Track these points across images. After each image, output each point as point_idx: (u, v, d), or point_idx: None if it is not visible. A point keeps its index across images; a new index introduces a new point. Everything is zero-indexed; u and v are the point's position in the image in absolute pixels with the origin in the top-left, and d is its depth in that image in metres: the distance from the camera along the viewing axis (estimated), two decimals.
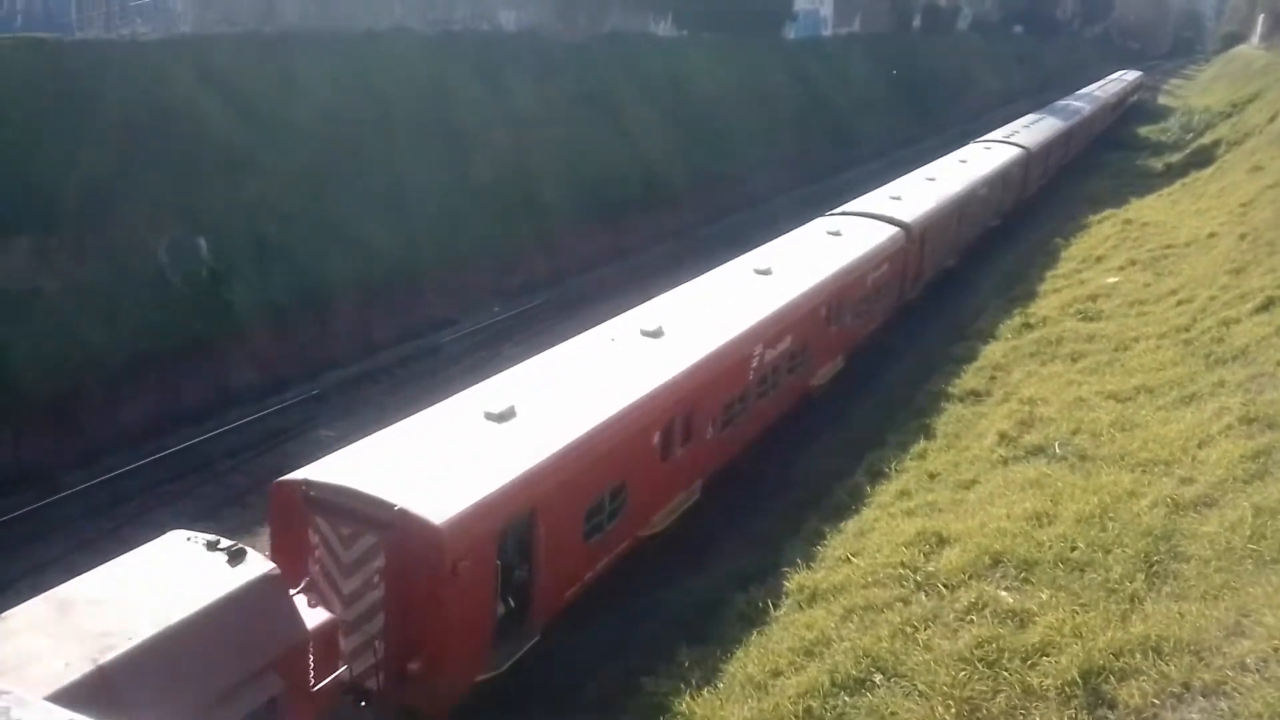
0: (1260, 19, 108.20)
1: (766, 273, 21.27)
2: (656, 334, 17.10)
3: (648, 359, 16.26)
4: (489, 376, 15.49)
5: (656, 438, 15.39)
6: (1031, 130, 48.45)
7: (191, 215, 24.72)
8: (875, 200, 29.77)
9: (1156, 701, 8.32)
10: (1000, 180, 38.87)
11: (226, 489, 20.17)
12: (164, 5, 28.29)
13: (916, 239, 27.93)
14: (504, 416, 13.38)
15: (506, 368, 15.98)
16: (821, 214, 27.99)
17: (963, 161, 38.32)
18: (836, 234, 25.26)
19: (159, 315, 23.00)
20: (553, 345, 16.87)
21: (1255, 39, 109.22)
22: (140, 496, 19.45)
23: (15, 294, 20.83)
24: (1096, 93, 71.75)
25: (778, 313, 19.58)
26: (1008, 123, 51.82)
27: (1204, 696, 8.15)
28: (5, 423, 19.57)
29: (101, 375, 21.34)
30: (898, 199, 29.92)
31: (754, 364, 18.52)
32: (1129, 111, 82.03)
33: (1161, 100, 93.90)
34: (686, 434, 16.27)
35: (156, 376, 22.33)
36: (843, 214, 27.85)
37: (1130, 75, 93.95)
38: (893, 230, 26.71)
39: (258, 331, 24.71)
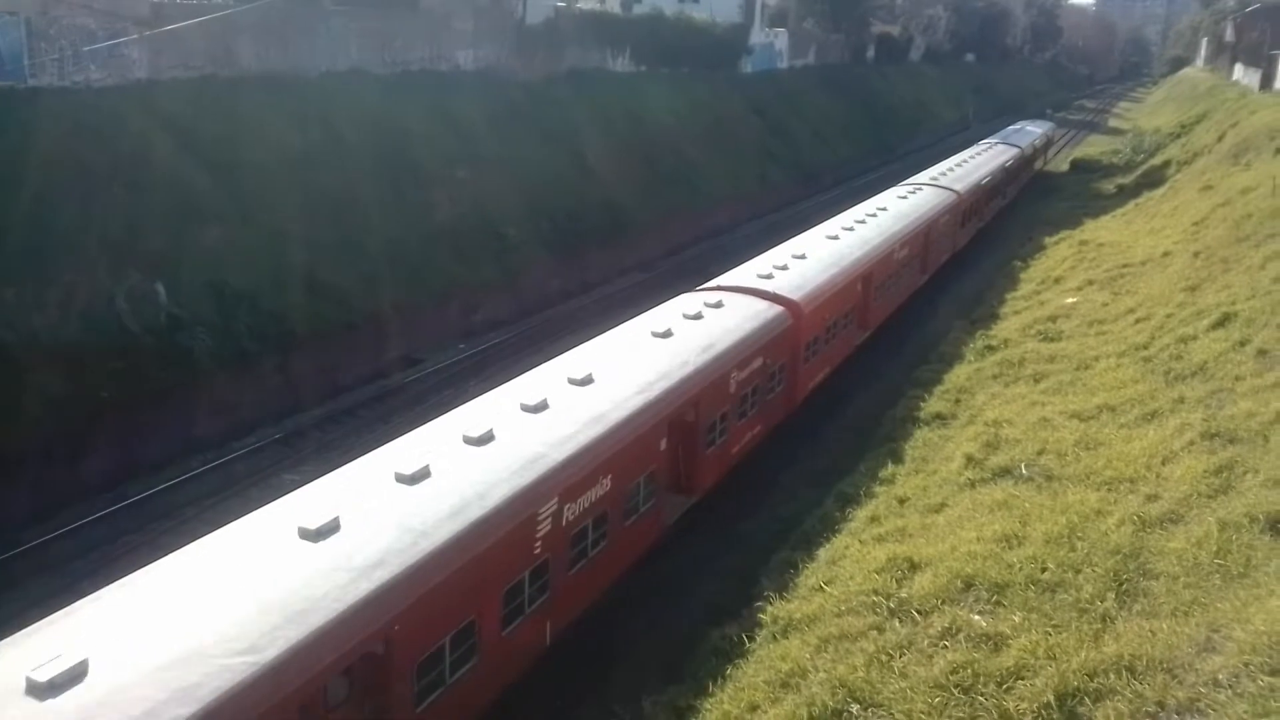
0: (1204, 42, 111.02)
1: (883, 210, 32.93)
2: (836, 237, 28.22)
3: (844, 245, 27.47)
4: (463, 403, 15.33)
5: (859, 286, 26.58)
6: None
7: (150, 262, 24.42)
8: (933, 175, 42.13)
9: None
10: (1005, 172, 50.31)
11: (190, 537, 19.66)
12: (118, 51, 27.92)
13: (966, 200, 39.95)
14: (801, 256, 25.28)
15: (476, 397, 15.81)
16: (784, 240, 28.90)
17: (978, 154, 50.82)
18: (913, 193, 36.82)
19: (119, 364, 22.64)
20: (518, 376, 16.81)
21: (1200, 61, 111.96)
22: (101, 547, 19.03)
23: None
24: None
25: (897, 234, 30.75)
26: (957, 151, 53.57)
27: (1179, 715, 8.15)
28: None
29: (62, 427, 20.95)
30: (947, 174, 42.32)
31: (894, 259, 29.99)
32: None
33: (1113, 124, 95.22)
34: (873, 291, 27.79)
35: (118, 426, 21.94)
36: (913, 184, 39.43)
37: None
38: (950, 194, 38.31)
39: (220, 377, 24.36)
